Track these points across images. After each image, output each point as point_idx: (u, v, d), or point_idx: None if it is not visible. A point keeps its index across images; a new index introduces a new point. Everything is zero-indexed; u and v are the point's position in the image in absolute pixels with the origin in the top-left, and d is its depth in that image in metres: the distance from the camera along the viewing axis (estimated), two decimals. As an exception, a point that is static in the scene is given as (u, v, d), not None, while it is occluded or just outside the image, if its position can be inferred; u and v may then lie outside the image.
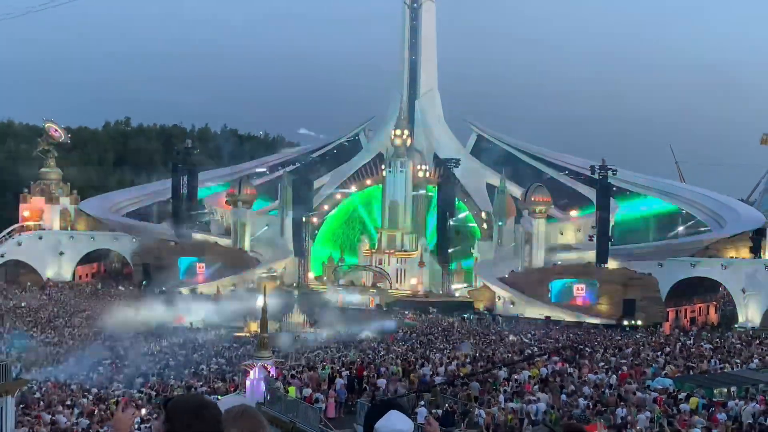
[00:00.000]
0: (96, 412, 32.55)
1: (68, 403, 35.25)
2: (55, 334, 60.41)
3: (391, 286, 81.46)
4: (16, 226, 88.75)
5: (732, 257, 72.98)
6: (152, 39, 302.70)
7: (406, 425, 3.71)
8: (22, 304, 71.87)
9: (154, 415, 31.10)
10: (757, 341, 45.57)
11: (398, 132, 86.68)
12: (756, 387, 25.70)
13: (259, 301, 43.11)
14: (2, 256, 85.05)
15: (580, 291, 72.32)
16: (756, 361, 34.60)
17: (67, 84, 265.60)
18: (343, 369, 34.00)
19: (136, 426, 27.73)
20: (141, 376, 44.57)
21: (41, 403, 35.63)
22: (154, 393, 37.43)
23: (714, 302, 76.25)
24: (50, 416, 30.68)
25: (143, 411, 31.93)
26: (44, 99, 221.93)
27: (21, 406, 32.23)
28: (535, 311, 71.10)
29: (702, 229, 79.33)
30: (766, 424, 19.97)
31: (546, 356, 37.57)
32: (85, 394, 38.39)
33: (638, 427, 20.46)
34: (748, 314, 67.59)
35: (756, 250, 72.78)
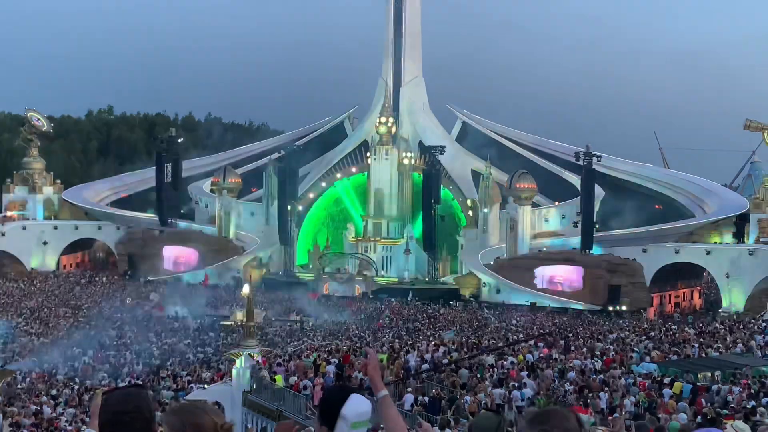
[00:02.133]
0: (81, 402, 32.46)
1: (53, 393, 35.16)
2: (40, 324, 60.14)
3: (377, 273, 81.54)
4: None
5: (716, 242, 73.45)
6: (134, 27, 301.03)
7: (368, 406, 3.80)
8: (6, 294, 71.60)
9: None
10: (741, 326, 45.80)
11: (383, 119, 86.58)
12: (740, 371, 25.84)
13: (245, 290, 43.03)
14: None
15: (559, 277, 72.60)
16: (739, 345, 34.78)
17: (49, 72, 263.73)
18: (331, 357, 34.03)
19: None
20: (126, 366, 44.51)
21: (26, 393, 35.52)
22: (141, 382, 37.36)
23: (698, 287, 76.71)
24: (35, 406, 30.57)
25: None
26: (26, 88, 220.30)
27: (5, 396, 32.11)
28: (521, 298, 71.30)
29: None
30: (749, 407, 20.06)
31: (530, 342, 37.70)
32: (70, 384, 38.30)
33: (624, 411, 20.53)
34: (732, 299, 68.03)
35: (739, 236, 73.21)
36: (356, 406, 3.74)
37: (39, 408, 30.10)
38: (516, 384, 25.59)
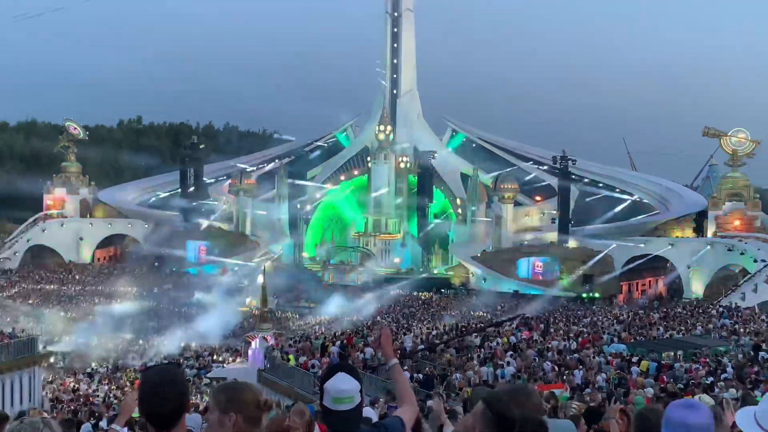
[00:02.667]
0: (114, 380, 32.51)
1: (88, 371, 35.22)
2: (78, 310, 60.17)
3: (376, 265, 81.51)
4: (40, 214, 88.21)
5: (678, 236, 73.47)
6: (159, 47, 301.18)
7: (351, 385, 3.80)
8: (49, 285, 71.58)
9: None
10: (701, 311, 45.81)
11: (382, 128, 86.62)
12: (700, 351, 25.86)
13: (259, 279, 43.07)
14: (29, 241, 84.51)
15: (538, 267, 72.59)
16: (699, 328, 34.79)
17: (84, 86, 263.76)
18: (336, 339, 34.04)
19: None
20: (154, 347, 44.53)
21: (65, 371, 35.60)
22: (166, 362, 37.33)
23: (662, 276, 76.65)
24: (73, 383, 30.65)
25: None
26: (64, 100, 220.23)
27: (47, 374, 32.15)
28: (505, 286, 71.24)
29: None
30: (708, 383, 20.09)
31: (513, 325, 37.68)
32: (104, 363, 38.35)
33: (597, 386, 20.55)
34: (693, 287, 68.02)
35: (699, 230, 73.26)
36: (337, 383, 3.77)
37: (76, 385, 30.17)
38: (501, 363, 25.61)
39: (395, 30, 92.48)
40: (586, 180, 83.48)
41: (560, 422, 5.43)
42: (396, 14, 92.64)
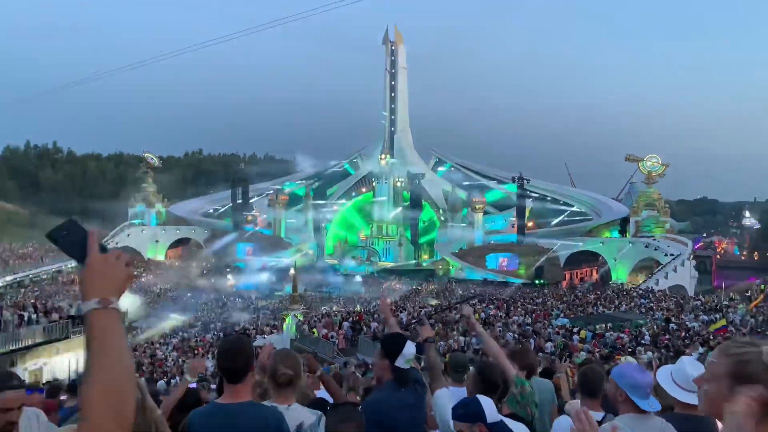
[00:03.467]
0: (182, 348, 32.42)
1: (162, 341, 35.14)
2: (154, 295, 60.09)
3: (379, 260, 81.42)
4: (125, 223, 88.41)
5: (607, 236, 73.41)
6: (216, 98, 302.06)
7: (415, 349, 4.00)
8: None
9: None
10: (625, 293, 45.73)
11: (383, 156, 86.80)
12: (624, 323, 25.81)
13: (292, 271, 42.99)
14: (117, 243, 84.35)
15: (504, 261, 72.44)
16: (624, 306, 34.75)
17: (158, 126, 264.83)
18: (349, 316, 34.00)
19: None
20: (212, 323, 44.47)
21: (144, 341, 35.49)
22: (222, 335, 37.20)
23: (596, 267, 76.51)
24: (150, 351, 30.58)
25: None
26: (143, 136, 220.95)
27: (131, 344, 32.06)
28: (477, 275, 71.11)
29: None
30: (631, 348, 20.02)
31: (483, 304, 37.57)
32: (175, 335, 38.25)
33: (547, 352, 20.48)
34: (618, 275, 67.92)
35: (623, 232, 73.22)
36: (410, 348, 3.93)
37: (153, 352, 30.12)
38: (474, 334, 25.52)
39: (393, 83, 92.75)
40: (537, 194, 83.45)
41: (539, 380, 5.43)
42: (393, 71, 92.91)
